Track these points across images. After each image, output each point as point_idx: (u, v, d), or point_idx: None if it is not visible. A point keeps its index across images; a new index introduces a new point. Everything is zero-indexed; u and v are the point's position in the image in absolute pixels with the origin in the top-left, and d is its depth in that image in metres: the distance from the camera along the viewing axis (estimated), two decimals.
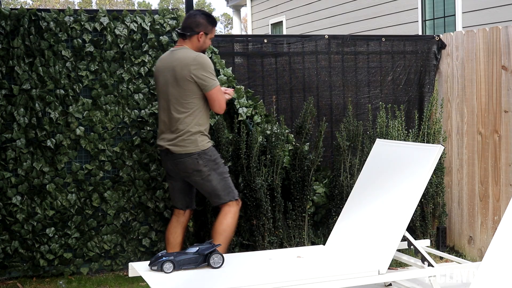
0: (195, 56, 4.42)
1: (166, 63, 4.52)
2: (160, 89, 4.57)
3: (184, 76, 4.39)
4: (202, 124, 4.47)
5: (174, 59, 4.47)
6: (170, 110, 4.47)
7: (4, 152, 4.83)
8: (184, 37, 4.53)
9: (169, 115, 4.48)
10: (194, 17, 4.54)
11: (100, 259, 5.06)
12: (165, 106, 4.51)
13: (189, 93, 4.41)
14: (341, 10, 10.90)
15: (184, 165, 4.45)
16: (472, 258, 5.35)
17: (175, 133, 4.45)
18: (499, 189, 5.10)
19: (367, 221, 4.28)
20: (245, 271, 3.87)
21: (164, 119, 4.53)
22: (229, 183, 4.55)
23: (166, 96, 4.50)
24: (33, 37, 4.81)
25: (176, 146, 4.44)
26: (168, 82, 4.47)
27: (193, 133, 4.42)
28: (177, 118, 4.43)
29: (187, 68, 4.38)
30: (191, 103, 4.42)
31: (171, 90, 4.45)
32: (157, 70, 4.61)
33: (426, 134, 5.63)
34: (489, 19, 7.37)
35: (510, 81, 4.95)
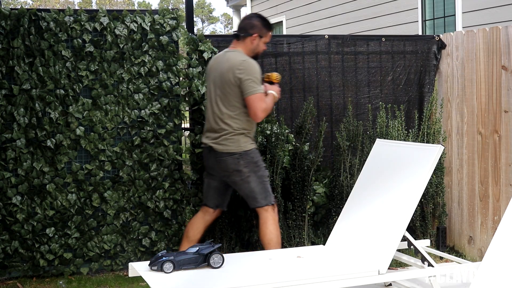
0: (243, 60, 4.45)
1: (218, 63, 4.58)
2: (209, 88, 4.63)
3: (229, 79, 4.44)
4: (246, 127, 4.51)
5: (224, 60, 4.52)
6: (215, 110, 4.53)
7: (4, 152, 4.83)
8: (238, 38, 4.57)
9: (214, 114, 4.53)
10: (249, 19, 4.62)
11: (100, 259, 5.06)
12: (211, 105, 4.57)
13: (234, 96, 4.45)
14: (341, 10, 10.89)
15: (225, 164, 4.49)
16: (472, 258, 5.35)
17: (218, 132, 4.51)
18: (499, 189, 5.10)
19: (367, 221, 4.28)
20: (245, 271, 3.87)
21: (209, 118, 4.59)
22: (267, 187, 4.57)
23: (213, 95, 4.56)
24: (33, 37, 4.81)
25: (218, 144, 4.50)
26: (217, 83, 4.53)
27: (236, 134, 4.47)
28: (221, 118, 4.49)
29: (232, 71, 4.42)
30: (234, 107, 4.47)
31: (217, 91, 4.52)
32: (209, 69, 4.67)
33: (426, 134, 5.63)
34: (489, 19, 7.36)
35: (510, 81, 4.95)
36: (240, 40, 4.57)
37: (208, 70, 4.69)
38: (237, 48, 4.57)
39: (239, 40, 4.57)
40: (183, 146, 5.23)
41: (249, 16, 4.70)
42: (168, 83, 5.09)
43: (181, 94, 5.17)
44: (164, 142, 5.10)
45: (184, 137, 5.65)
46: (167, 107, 5.11)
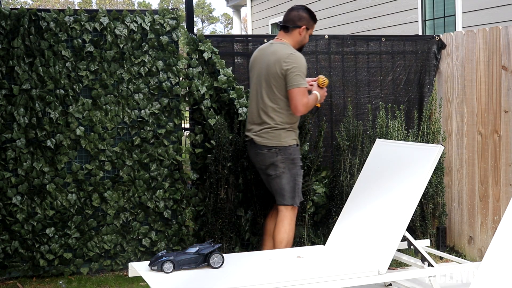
0: (290, 53, 4.45)
1: (263, 55, 4.57)
2: (253, 80, 4.62)
3: (275, 71, 4.43)
4: (289, 121, 4.51)
5: (270, 52, 4.51)
6: (259, 103, 4.53)
7: (4, 152, 4.83)
8: (286, 30, 4.55)
9: (258, 107, 4.54)
10: (297, 10, 4.59)
11: (100, 259, 5.06)
12: (255, 97, 4.57)
13: (279, 89, 4.45)
14: (341, 10, 10.89)
15: (263, 157, 4.51)
16: (472, 258, 5.35)
17: (261, 125, 4.52)
18: (499, 189, 5.10)
19: (367, 221, 4.28)
20: (245, 271, 3.87)
21: (252, 110, 4.60)
22: (298, 187, 4.57)
23: (257, 88, 4.56)
24: (33, 37, 4.81)
25: (259, 137, 4.52)
26: (261, 75, 4.52)
27: (278, 128, 4.48)
28: (265, 111, 4.50)
29: (279, 64, 4.42)
30: (279, 100, 4.47)
31: (262, 83, 4.51)
32: (253, 61, 4.66)
33: (426, 134, 5.63)
34: (489, 19, 7.36)
35: (510, 81, 4.95)
36: (288, 32, 4.56)
37: (252, 62, 4.67)
38: (284, 40, 4.57)
39: (286, 32, 4.57)
40: (183, 146, 5.23)
41: (296, 7, 4.64)
42: (168, 83, 5.09)
43: (181, 94, 5.17)
44: (164, 142, 5.10)
45: (184, 137, 5.65)
46: (167, 107, 5.11)
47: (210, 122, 5.12)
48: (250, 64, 4.74)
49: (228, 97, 5.13)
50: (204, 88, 5.15)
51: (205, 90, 5.15)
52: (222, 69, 5.16)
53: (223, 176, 5.03)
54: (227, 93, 5.13)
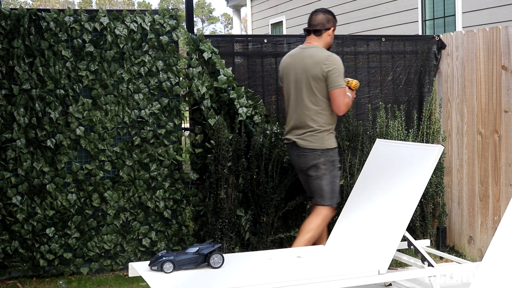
0: (329, 55, 4.56)
1: (297, 60, 4.64)
2: (289, 85, 4.67)
3: (316, 74, 4.52)
4: (330, 122, 4.61)
5: (307, 56, 4.59)
6: (300, 107, 4.60)
7: (4, 152, 4.83)
8: (318, 33, 4.64)
9: (299, 111, 4.60)
10: (323, 13, 4.69)
11: (100, 259, 5.06)
12: (294, 102, 4.63)
13: (320, 91, 4.54)
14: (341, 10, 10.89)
15: (305, 159, 4.59)
16: (472, 258, 5.35)
17: (304, 128, 4.60)
18: (499, 189, 5.10)
19: (367, 221, 4.28)
20: (245, 271, 3.87)
21: (292, 114, 4.66)
22: (336, 188, 4.67)
23: (296, 92, 4.62)
24: (33, 37, 4.81)
25: (302, 140, 4.60)
26: (300, 79, 4.59)
27: (321, 131, 4.57)
28: (307, 115, 4.57)
29: (319, 66, 4.51)
30: (321, 101, 4.55)
31: (302, 87, 4.58)
32: (286, 67, 4.72)
33: (425, 134, 5.63)
34: (489, 19, 7.36)
35: (510, 81, 4.95)
36: (319, 35, 4.65)
37: (285, 68, 4.73)
38: (315, 44, 4.66)
39: (317, 36, 4.66)
40: (183, 146, 5.23)
41: (320, 10, 4.74)
42: (168, 83, 5.09)
43: (181, 94, 5.17)
44: (164, 142, 5.10)
45: (184, 137, 5.65)
46: (167, 107, 5.11)
47: (210, 122, 5.12)
48: (282, 70, 4.78)
49: (228, 97, 5.13)
50: (204, 88, 5.15)
51: (205, 90, 5.15)
52: (222, 69, 5.16)
53: (223, 176, 5.03)
54: (227, 93, 5.13)
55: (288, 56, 4.78)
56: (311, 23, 4.70)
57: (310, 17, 4.73)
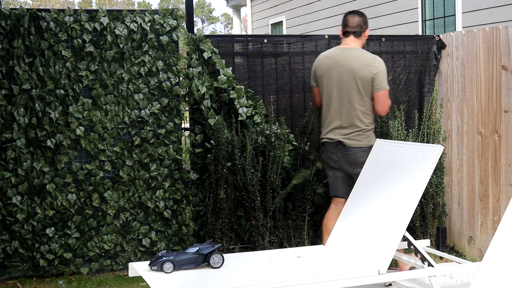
0: (374, 57, 4.72)
1: (339, 61, 4.70)
2: (332, 86, 4.72)
3: (364, 76, 4.62)
4: (373, 122, 4.76)
5: (352, 58, 4.67)
6: (347, 108, 4.67)
7: (4, 152, 4.83)
8: (357, 35, 4.73)
9: (344, 111, 4.68)
10: (359, 15, 4.80)
11: (100, 259, 5.06)
12: (337, 102, 4.70)
13: (367, 92, 4.65)
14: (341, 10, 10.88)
15: (354, 157, 4.70)
16: (472, 258, 5.35)
17: (351, 128, 4.69)
18: (499, 189, 5.10)
19: (367, 221, 4.28)
20: (245, 271, 3.87)
21: (335, 114, 4.72)
22: None
23: (341, 93, 4.68)
24: (33, 37, 4.81)
25: (351, 139, 4.70)
26: (347, 81, 4.66)
27: (367, 130, 4.71)
28: (354, 115, 4.67)
29: (367, 68, 4.62)
30: (367, 102, 4.67)
31: (349, 88, 4.66)
32: (328, 68, 4.76)
33: (426, 134, 5.63)
34: (489, 19, 7.36)
35: (510, 81, 4.95)
36: (359, 37, 4.76)
37: (327, 69, 4.76)
38: (354, 45, 4.75)
39: (357, 37, 4.75)
40: (183, 146, 5.23)
41: (355, 12, 4.84)
42: (168, 83, 5.09)
43: (181, 94, 5.17)
44: (164, 142, 5.10)
45: (184, 137, 5.65)
46: (167, 107, 5.11)
47: (210, 122, 5.12)
48: (322, 71, 4.80)
49: (228, 97, 5.13)
50: (204, 88, 5.15)
51: (205, 90, 5.15)
52: (222, 69, 5.16)
53: (222, 176, 5.03)
54: (227, 93, 5.13)
55: (328, 57, 4.81)
56: (349, 24, 4.78)
57: (347, 19, 4.80)
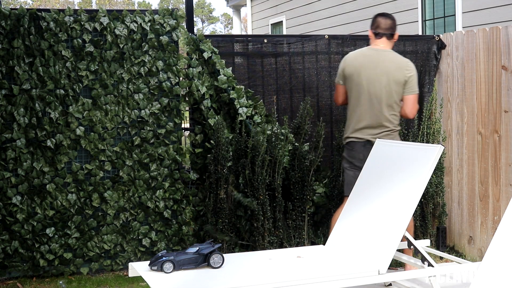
0: (407, 60, 4.83)
1: (374, 61, 4.74)
2: (362, 84, 4.75)
3: (398, 79, 4.70)
4: (399, 122, 4.87)
5: (386, 59, 4.74)
6: (377, 108, 4.72)
7: (4, 152, 4.83)
8: (390, 37, 4.85)
9: (375, 111, 4.73)
10: (392, 18, 4.93)
11: (100, 259, 5.06)
12: (369, 102, 4.73)
13: (398, 94, 4.72)
14: (341, 10, 10.89)
15: None
16: (472, 258, 5.35)
17: (379, 128, 4.76)
18: (499, 189, 5.10)
19: (367, 221, 4.28)
20: (245, 271, 3.87)
21: (365, 114, 4.76)
22: None
23: (372, 93, 4.72)
24: (33, 37, 4.81)
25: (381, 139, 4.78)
26: (380, 81, 4.71)
27: (395, 130, 4.81)
28: (384, 116, 4.74)
29: (402, 71, 4.72)
30: (396, 103, 4.75)
31: (382, 90, 4.71)
32: (360, 66, 4.79)
33: (426, 134, 5.63)
34: (489, 19, 7.36)
35: (510, 81, 4.95)
36: (390, 39, 4.85)
37: (358, 67, 4.78)
38: (385, 47, 4.84)
39: (388, 39, 4.84)
40: (183, 146, 5.23)
41: (388, 15, 4.95)
42: (168, 83, 5.10)
43: (181, 94, 5.17)
44: (164, 142, 5.10)
45: (184, 137, 5.65)
46: (167, 107, 5.11)
47: (210, 122, 5.12)
48: (353, 70, 4.81)
49: (228, 97, 5.13)
50: (204, 88, 5.15)
51: (205, 90, 5.15)
52: (222, 69, 5.16)
53: (222, 176, 5.03)
54: (227, 93, 5.14)
55: (360, 56, 4.83)
56: (382, 26, 4.83)
57: (379, 20, 4.86)
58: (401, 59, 4.80)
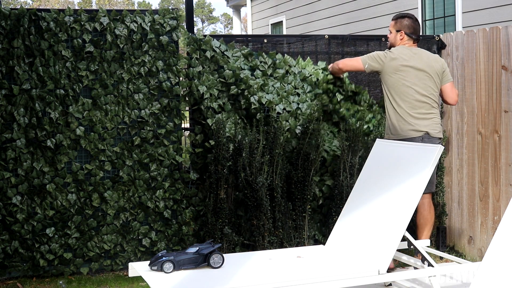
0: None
1: (425, 61, 4.96)
2: (417, 83, 4.93)
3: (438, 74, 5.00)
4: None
5: (431, 59, 5.00)
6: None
7: (4, 152, 4.83)
8: (418, 42, 5.11)
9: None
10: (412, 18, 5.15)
11: (100, 259, 5.06)
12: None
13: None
14: (341, 10, 10.89)
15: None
16: (472, 258, 5.35)
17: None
18: (499, 189, 5.10)
19: (367, 221, 4.28)
20: (245, 271, 3.87)
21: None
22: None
23: (421, 90, 4.91)
24: (33, 37, 4.81)
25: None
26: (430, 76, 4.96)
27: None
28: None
29: (442, 69, 5.02)
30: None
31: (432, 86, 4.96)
32: (424, 67, 4.94)
33: None
34: (489, 19, 7.36)
35: (510, 81, 4.95)
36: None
37: (423, 65, 4.95)
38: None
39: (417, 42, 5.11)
40: (183, 146, 5.23)
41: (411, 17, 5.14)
42: (168, 83, 5.09)
43: (181, 94, 5.17)
44: (164, 142, 5.10)
45: (184, 137, 5.65)
46: (167, 107, 5.11)
47: (209, 122, 5.12)
48: (415, 66, 4.95)
49: (236, 89, 5.15)
50: (204, 87, 5.15)
51: (205, 89, 5.15)
52: (226, 65, 5.18)
53: (222, 176, 5.03)
54: (236, 86, 5.15)
55: (414, 54, 5.00)
56: (418, 31, 5.09)
57: (418, 25, 5.09)
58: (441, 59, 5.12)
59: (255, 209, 5.05)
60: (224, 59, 5.17)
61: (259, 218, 5.05)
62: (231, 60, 5.21)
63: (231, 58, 5.22)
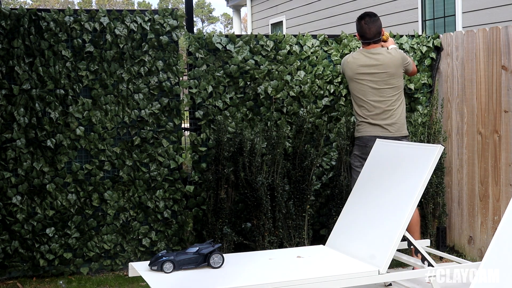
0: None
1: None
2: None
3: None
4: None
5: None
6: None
7: (4, 152, 4.83)
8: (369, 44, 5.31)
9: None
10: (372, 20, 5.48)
11: (100, 259, 5.06)
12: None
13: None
14: (341, 10, 10.89)
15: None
16: (472, 258, 5.35)
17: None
18: (499, 189, 5.10)
19: (367, 221, 4.28)
20: (245, 271, 3.87)
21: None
22: None
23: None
24: (33, 37, 4.81)
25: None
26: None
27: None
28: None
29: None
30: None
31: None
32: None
33: (426, 134, 5.63)
34: (489, 19, 7.36)
35: (510, 81, 4.95)
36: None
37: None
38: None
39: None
40: (183, 146, 5.23)
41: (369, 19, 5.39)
42: (168, 83, 5.09)
43: (183, 94, 5.18)
44: (164, 142, 5.10)
45: (184, 137, 5.65)
46: (167, 107, 5.11)
47: (210, 122, 5.12)
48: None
49: (244, 81, 5.17)
50: (210, 87, 5.15)
51: (211, 88, 5.15)
52: (230, 60, 5.20)
53: (223, 176, 5.03)
54: (242, 79, 5.18)
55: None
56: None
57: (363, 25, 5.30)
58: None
59: (255, 208, 5.05)
60: (227, 55, 5.20)
61: (259, 218, 5.05)
62: (234, 54, 5.23)
63: (233, 52, 5.24)
